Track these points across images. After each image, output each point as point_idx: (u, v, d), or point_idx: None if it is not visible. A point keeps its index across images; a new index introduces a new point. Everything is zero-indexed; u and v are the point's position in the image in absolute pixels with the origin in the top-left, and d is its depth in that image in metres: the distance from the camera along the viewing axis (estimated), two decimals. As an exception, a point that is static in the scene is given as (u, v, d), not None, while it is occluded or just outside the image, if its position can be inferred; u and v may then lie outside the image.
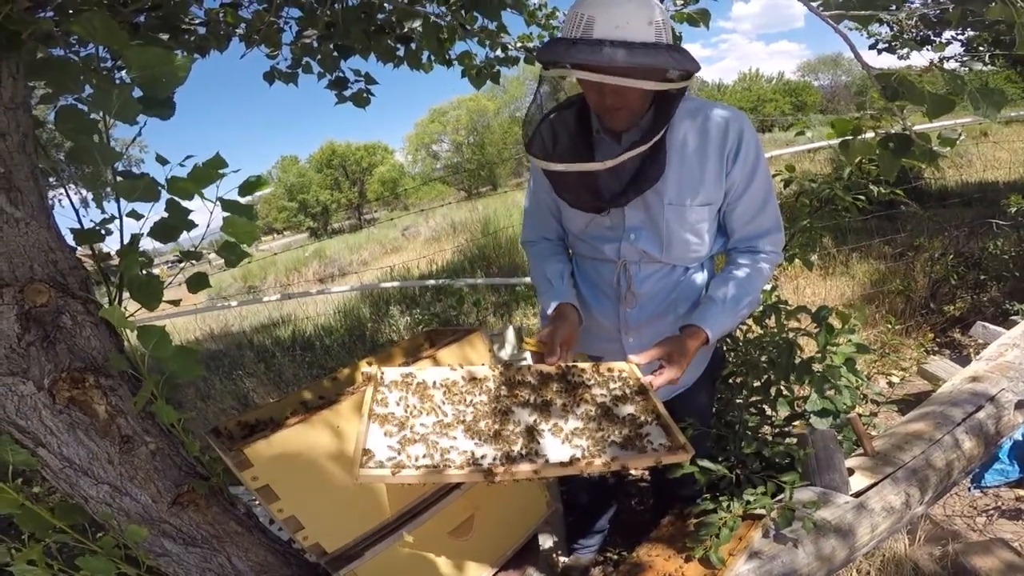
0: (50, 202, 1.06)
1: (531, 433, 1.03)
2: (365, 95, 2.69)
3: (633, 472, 2.38)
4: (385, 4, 2.34)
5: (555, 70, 1.12)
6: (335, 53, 2.52)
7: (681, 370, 1.15)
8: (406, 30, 2.46)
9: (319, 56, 2.55)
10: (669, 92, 1.13)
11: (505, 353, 2.64)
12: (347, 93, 2.68)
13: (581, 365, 1.22)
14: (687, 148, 1.21)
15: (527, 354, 2.59)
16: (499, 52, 2.77)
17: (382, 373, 1.13)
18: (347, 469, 1.07)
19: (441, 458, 0.96)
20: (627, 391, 1.16)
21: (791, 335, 1.61)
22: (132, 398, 1.05)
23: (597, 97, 1.14)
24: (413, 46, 2.58)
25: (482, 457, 0.97)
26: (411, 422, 1.04)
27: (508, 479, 0.96)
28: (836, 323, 1.59)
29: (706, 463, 1.36)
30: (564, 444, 1.03)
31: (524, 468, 0.96)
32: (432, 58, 2.68)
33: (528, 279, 4.68)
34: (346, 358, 4.12)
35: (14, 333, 0.94)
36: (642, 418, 1.09)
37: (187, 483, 1.11)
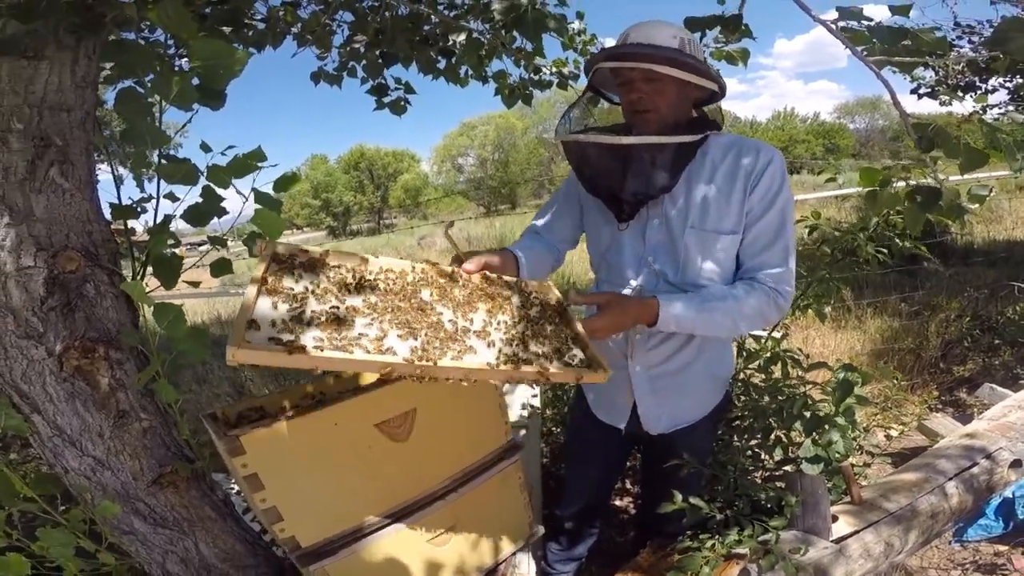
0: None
1: (454, 332, 0.93)
2: (403, 103, 2.74)
3: (618, 502, 2.38)
4: (431, 16, 2.39)
5: (594, 66, 1.25)
6: (380, 60, 2.59)
7: (609, 325, 1.13)
8: (450, 43, 2.51)
9: (364, 61, 2.61)
10: (700, 117, 1.23)
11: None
12: (386, 100, 2.73)
13: (505, 277, 1.16)
14: (716, 175, 1.23)
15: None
16: (533, 74, 2.82)
17: (277, 244, 0.97)
18: (340, 467, 1.06)
19: (346, 341, 0.82)
20: (548, 310, 1.13)
21: (803, 387, 1.59)
22: (136, 374, 1.06)
23: (627, 95, 1.22)
24: (454, 60, 2.64)
25: (392, 348, 0.84)
26: (310, 301, 0.87)
27: (432, 376, 0.85)
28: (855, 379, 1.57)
29: (697, 501, 1.35)
30: (490, 348, 0.94)
31: (449, 365, 0.86)
32: (470, 73, 2.73)
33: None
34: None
35: (39, 296, 0.95)
36: (564, 334, 1.07)
37: (171, 464, 1.11)
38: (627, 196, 1.24)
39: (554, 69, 2.81)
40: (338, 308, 0.88)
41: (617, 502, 2.39)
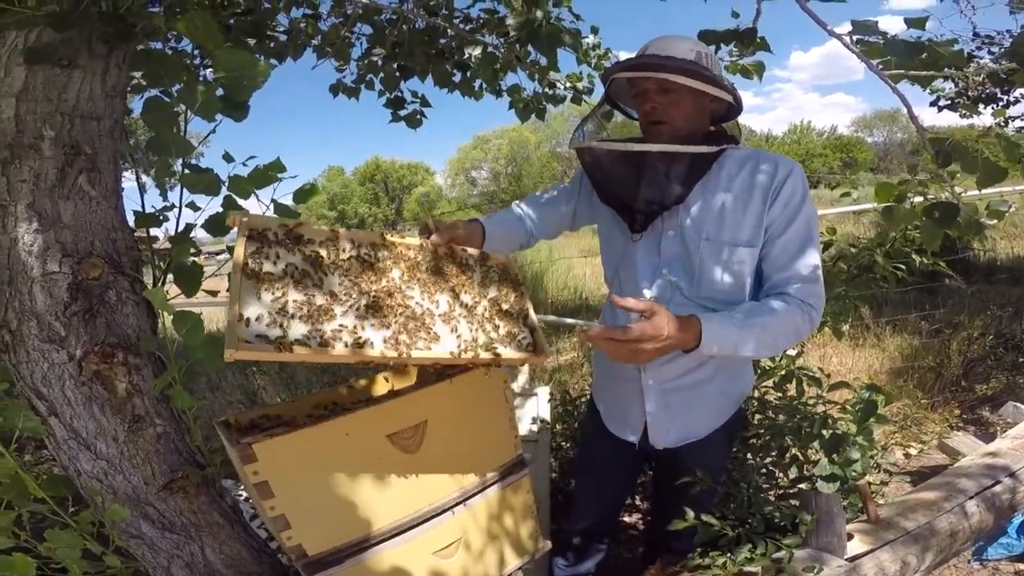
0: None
1: (423, 315, 1.01)
2: (418, 117, 2.78)
3: (627, 519, 2.35)
4: (447, 30, 2.43)
5: (610, 77, 1.27)
6: (397, 73, 2.63)
7: (652, 349, 1.01)
8: (465, 57, 2.55)
9: (381, 74, 2.66)
10: (715, 131, 1.24)
11: (516, 385, 2.62)
12: (402, 113, 2.77)
13: (470, 250, 1.20)
14: (732, 186, 1.22)
15: (538, 389, 2.57)
16: (548, 88, 2.84)
17: (252, 217, 0.99)
18: (350, 477, 1.06)
19: (327, 335, 0.89)
20: (506, 287, 1.18)
21: (822, 406, 1.57)
22: (153, 379, 1.08)
23: (642, 106, 1.22)
24: (468, 73, 2.67)
25: (369, 341, 0.92)
26: (290, 289, 0.92)
27: (403, 363, 0.99)
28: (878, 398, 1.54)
29: (709, 518, 1.32)
30: (453, 334, 1.03)
31: (417, 356, 0.95)
32: (484, 87, 2.76)
33: (550, 317, 4.67)
34: (359, 369, 4.13)
35: (62, 301, 0.98)
36: (516, 314, 1.14)
37: (183, 470, 1.12)
38: (640, 205, 1.24)
39: (568, 84, 2.82)
40: (316, 298, 0.93)
41: (626, 518, 2.36)
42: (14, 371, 1.01)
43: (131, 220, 1.12)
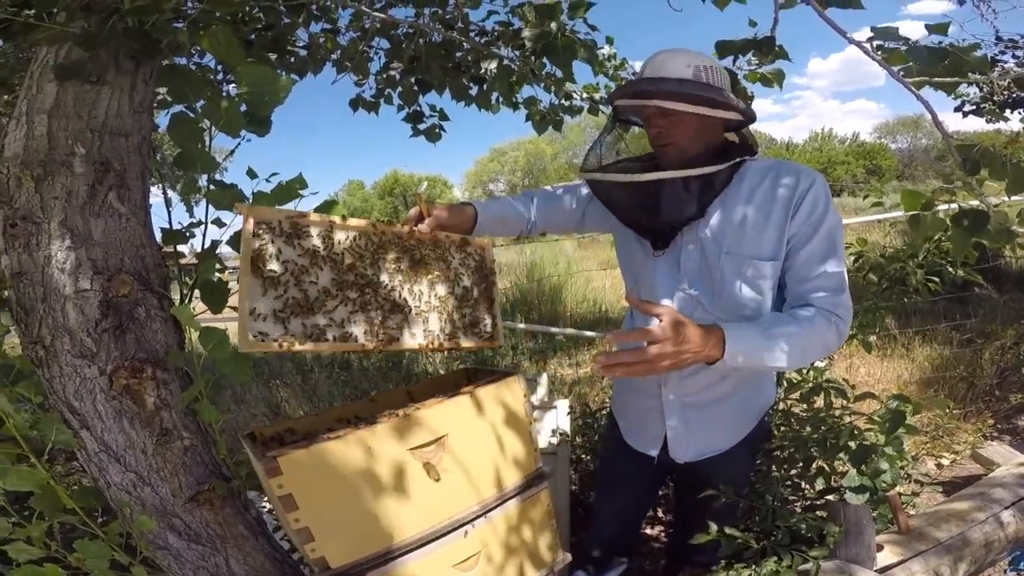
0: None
1: (403, 306, 1.14)
2: (437, 131, 2.80)
3: (649, 531, 2.33)
4: (463, 43, 2.46)
5: (613, 103, 1.29)
6: (415, 87, 2.66)
7: (666, 358, 0.95)
8: (482, 71, 2.57)
9: (400, 88, 2.69)
10: (726, 145, 1.23)
11: (536, 398, 2.61)
12: (421, 127, 2.80)
13: (452, 237, 1.27)
14: (753, 199, 1.20)
15: (558, 401, 2.56)
16: (564, 100, 2.83)
17: (258, 210, 1.04)
18: (373, 490, 1.07)
19: (319, 328, 1.04)
20: (482, 272, 1.28)
21: (849, 418, 1.53)
22: (180, 393, 1.10)
23: (648, 130, 1.24)
24: (485, 86, 2.68)
25: (353, 335, 1.08)
26: (290, 285, 1.03)
27: (382, 351, 1.12)
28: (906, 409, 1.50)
29: (732, 531, 1.29)
30: (424, 325, 1.17)
31: (393, 348, 1.12)
32: (500, 100, 2.78)
33: (569, 330, 4.65)
34: (380, 382, 4.17)
35: (94, 318, 1.00)
36: (482, 304, 1.27)
37: (209, 482, 1.13)
38: (657, 227, 1.24)
39: (585, 95, 2.82)
40: (311, 293, 1.05)
41: (648, 530, 2.33)
42: (47, 386, 1.03)
43: (158, 236, 1.14)
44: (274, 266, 1.01)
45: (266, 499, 1.86)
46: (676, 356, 0.97)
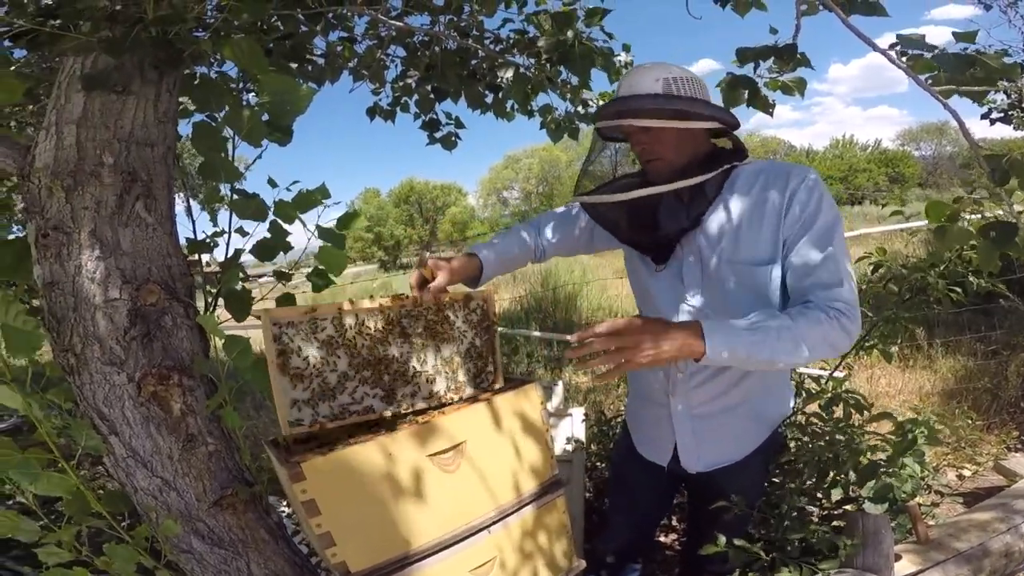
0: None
1: (413, 376, 1.21)
2: (453, 138, 2.82)
3: (663, 539, 2.31)
4: (479, 51, 2.47)
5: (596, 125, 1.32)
6: (431, 95, 2.67)
7: (638, 347, 0.96)
8: (498, 79, 2.58)
9: (416, 96, 2.71)
10: (715, 152, 1.23)
11: (551, 406, 2.61)
12: (438, 135, 2.81)
13: (456, 295, 1.30)
14: (745, 204, 1.18)
15: (573, 409, 2.55)
16: (580, 107, 2.82)
17: (275, 313, 1.11)
18: (392, 495, 1.08)
19: (344, 407, 1.13)
20: (484, 324, 1.31)
21: (864, 435, 1.51)
22: (205, 400, 1.11)
23: (634, 148, 1.25)
24: (500, 94, 2.69)
25: (372, 407, 1.15)
26: (313, 377, 1.11)
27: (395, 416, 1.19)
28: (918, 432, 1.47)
29: (743, 542, 1.28)
30: (430, 386, 1.23)
31: (406, 409, 1.19)
32: (516, 107, 2.77)
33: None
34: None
35: (123, 326, 1.03)
36: (485, 353, 1.31)
37: (232, 487, 1.15)
38: (653, 242, 1.24)
39: (601, 102, 2.82)
40: (330, 380, 1.12)
41: (662, 538, 2.31)
42: (78, 392, 1.06)
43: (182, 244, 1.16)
44: (298, 363, 1.09)
45: (285, 503, 1.88)
46: (641, 341, 0.96)
